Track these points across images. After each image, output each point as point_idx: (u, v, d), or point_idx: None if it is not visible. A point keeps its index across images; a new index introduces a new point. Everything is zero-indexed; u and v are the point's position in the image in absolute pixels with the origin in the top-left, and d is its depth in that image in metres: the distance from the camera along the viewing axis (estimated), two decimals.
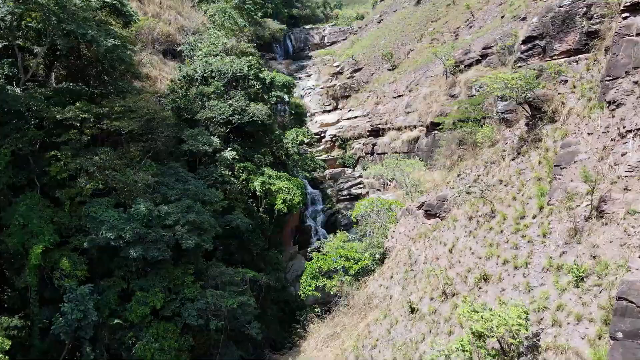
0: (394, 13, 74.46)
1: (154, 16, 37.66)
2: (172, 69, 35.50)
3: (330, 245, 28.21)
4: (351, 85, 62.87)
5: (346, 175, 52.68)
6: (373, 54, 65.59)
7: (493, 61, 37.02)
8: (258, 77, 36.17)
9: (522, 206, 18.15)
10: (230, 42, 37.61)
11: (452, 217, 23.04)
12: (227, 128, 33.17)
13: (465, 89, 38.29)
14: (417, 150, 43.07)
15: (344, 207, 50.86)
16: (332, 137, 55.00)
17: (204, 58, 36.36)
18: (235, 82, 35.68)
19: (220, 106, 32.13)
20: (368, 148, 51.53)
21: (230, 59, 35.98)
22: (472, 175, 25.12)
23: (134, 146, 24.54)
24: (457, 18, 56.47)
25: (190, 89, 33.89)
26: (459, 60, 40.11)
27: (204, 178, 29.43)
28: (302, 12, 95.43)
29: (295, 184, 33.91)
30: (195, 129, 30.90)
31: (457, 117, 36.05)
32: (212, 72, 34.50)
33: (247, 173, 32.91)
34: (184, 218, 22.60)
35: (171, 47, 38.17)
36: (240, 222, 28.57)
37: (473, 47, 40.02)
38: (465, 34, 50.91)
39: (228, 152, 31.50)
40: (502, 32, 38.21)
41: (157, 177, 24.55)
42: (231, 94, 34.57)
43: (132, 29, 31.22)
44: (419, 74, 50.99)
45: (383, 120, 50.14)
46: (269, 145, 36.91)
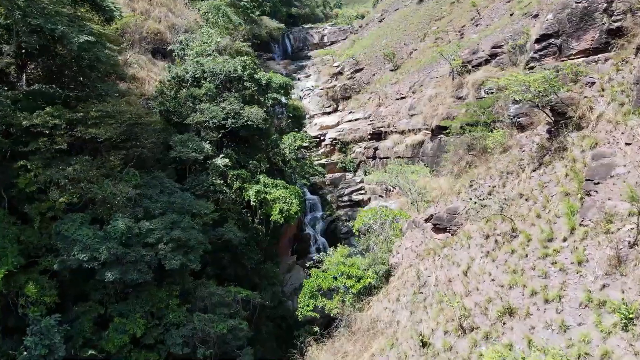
0: (395, 12, 72.27)
1: (142, 13, 35.39)
2: (161, 70, 33.27)
3: (330, 261, 25.96)
4: (352, 86, 60.69)
5: (347, 181, 50.47)
6: (374, 54, 63.41)
7: (503, 61, 34.80)
8: (253, 79, 33.94)
9: (549, 226, 15.91)
10: (224, 41, 35.34)
11: (465, 234, 20.80)
12: (219, 133, 30.96)
13: (473, 90, 36.06)
14: (421, 155, 40.85)
15: (344, 213, 48.67)
16: (332, 140, 52.79)
17: (196, 58, 34.12)
18: (229, 84, 33.45)
19: (212, 109, 29.90)
20: (370, 152, 49.30)
21: (223, 58, 33.74)
22: (486, 186, 22.88)
23: (115, 154, 22.26)
24: (462, 16, 54.28)
25: (181, 91, 31.66)
26: (467, 60, 37.89)
27: (193, 188, 27.21)
28: (301, 11, 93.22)
29: (292, 193, 31.68)
30: (185, 134, 28.67)
31: (465, 120, 33.83)
32: (203, 73, 32.26)
33: (241, 181, 30.68)
34: (168, 235, 20.32)
35: (161, 46, 35.91)
36: (233, 235, 26.35)
37: (481, 47, 37.80)
38: (471, 32, 48.71)
39: (220, 159, 29.29)
40: (512, 30, 36.00)
41: (139, 188, 22.28)
42: (224, 96, 32.35)
43: (116, 26, 29.00)
44: (423, 74, 48.78)
45: (385, 123, 47.91)
46: (264, 150, 34.68)
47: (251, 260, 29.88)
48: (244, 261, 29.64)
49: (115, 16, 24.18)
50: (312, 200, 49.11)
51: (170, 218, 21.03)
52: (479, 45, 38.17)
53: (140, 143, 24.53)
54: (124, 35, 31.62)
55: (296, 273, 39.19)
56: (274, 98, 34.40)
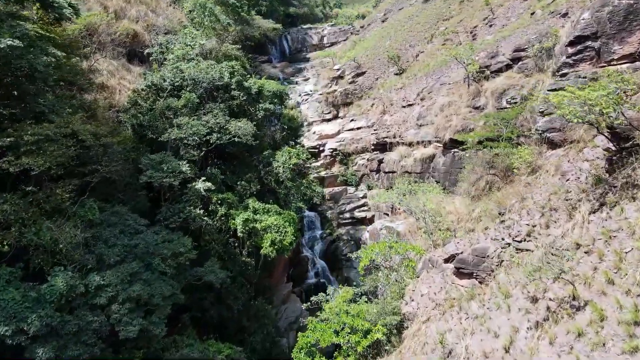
0: (399, 11, 67.95)
1: (117, 12, 31.11)
2: (137, 77, 29.00)
3: (331, 309, 21.63)
4: (353, 91, 56.35)
5: (348, 195, 46.10)
6: (377, 56, 59.08)
7: (528, 66, 30.50)
8: (242, 87, 29.59)
9: (633, 300, 11.61)
10: (209, 43, 31.05)
11: (501, 289, 16.45)
12: (201, 151, 26.62)
13: (492, 100, 31.75)
14: (432, 171, 36.54)
15: (345, 232, 44.33)
16: (332, 151, 48.44)
17: (176, 63, 29.77)
18: (214, 93, 29.11)
19: (192, 124, 25.56)
20: (373, 165, 44.94)
21: (208, 64, 29.41)
22: (523, 224, 18.55)
23: (64, 185, 17.90)
24: (474, 16, 49.96)
25: (157, 102, 27.32)
26: (484, 64, 33.57)
27: (168, 219, 22.87)
28: (299, 11, 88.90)
29: (287, 219, 27.34)
30: (159, 153, 24.35)
31: (484, 135, 29.52)
32: (184, 81, 27.91)
33: (226, 207, 26.36)
34: (124, 292, 15.97)
35: (138, 49, 31.64)
36: (214, 277, 22.05)
37: (501, 50, 33.47)
38: (484, 33, 44.39)
39: (201, 182, 24.94)
40: (536, 31, 31.68)
41: (95, 228, 17.94)
42: (208, 107, 28.01)
43: (77, 26, 24.71)
44: (431, 79, 44.44)
45: (391, 133, 43.56)
46: (255, 168, 30.31)
47: (238, 301, 25.57)
48: (230, 301, 25.32)
49: (66, 14, 19.84)
50: (310, 218, 44.80)
51: (129, 268, 16.67)
52: (498, 48, 33.84)
53: (101, 167, 20.19)
54: (90, 38, 27.34)
55: (292, 305, 34.84)
56: (266, 109, 30.04)
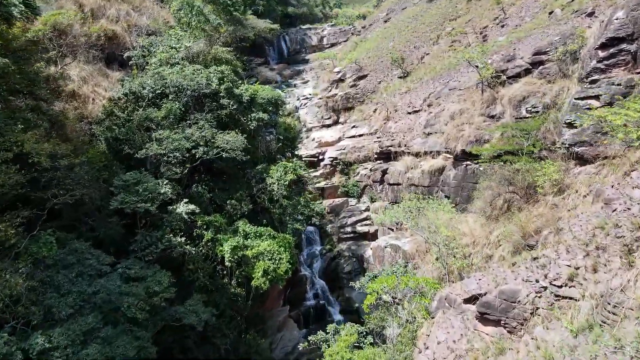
0: (403, 11, 64.91)
1: (94, 11, 28.06)
2: (115, 83, 25.97)
3: (332, 356, 18.56)
4: (355, 95, 53.30)
5: (350, 208, 43.06)
6: (380, 58, 56.04)
7: (550, 71, 27.44)
8: (232, 94, 26.53)
9: None
10: (196, 45, 27.95)
11: (541, 349, 13.38)
12: (185, 168, 23.57)
13: (510, 108, 28.69)
14: (441, 185, 33.48)
15: (347, 248, 41.28)
16: (333, 160, 45.40)
17: (159, 68, 26.73)
18: (201, 101, 26.06)
19: (173, 139, 22.53)
20: (377, 175, 41.88)
21: (194, 68, 26.37)
22: (563, 264, 15.48)
23: (10, 218, 14.87)
24: (483, 16, 46.92)
25: (136, 112, 24.28)
26: (500, 69, 30.50)
27: (143, 250, 19.82)
28: (298, 11, 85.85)
29: (282, 244, 24.30)
30: (135, 172, 21.31)
31: (503, 148, 26.45)
32: (165, 88, 24.86)
33: (213, 230, 23.34)
34: (75, 355, 12.91)
35: (118, 52, 28.60)
36: (196, 319, 19.02)
37: (518, 52, 30.41)
38: (496, 34, 41.35)
39: (183, 205, 21.92)
40: (559, 32, 28.63)
41: (47, 270, 14.88)
42: (193, 118, 24.99)
43: (39, 27, 21.72)
44: (439, 84, 41.41)
45: (395, 141, 40.51)
46: (247, 185, 27.24)
47: (226, 339, 22.52)
48: (217, 340, 22.27)
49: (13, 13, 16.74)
50: (309, 232, 41.78)
51: (84, 324, 13.61)
52: (515, 51, 30.77)
53: (62, 193, 17.18)
54: (59, 40, 24.23)
55: (289, 332, 31.81)
56: (260, 119, 26.97)
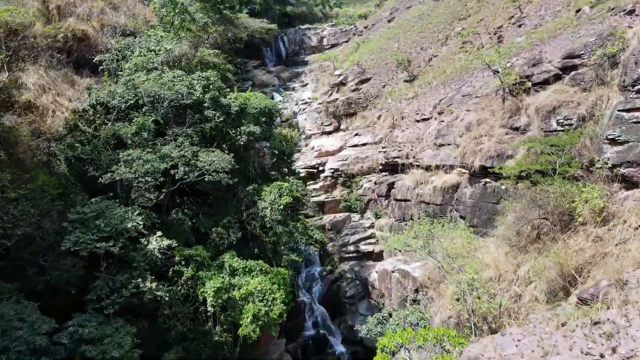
0: (407, 10, 61.32)
1: (61, 8, 24.41)
2: (82, 92, 22.43)
3: None
4: (357, 99, 49.69)
5: (352, 224, 39.42)
6: (384, 60, 52.44)
7: (585, 78, 23.84)
8: (219, 104, 22.92)
9: None
10: (179, 48, 24.34)
11: None
12: (160, 193, 19.99)
13: (538, 120, 25.08)
14: (456, 203, 29.88)
15: (349, 269, 37.62)
16: (334, 171, 41.78)
17: (134, 73, 23.15)
18: (182, 112, 22.47)
19: (145, 160, 18.93)
20: (382, 189, 38.28)
21: (174, 75, 22.78)
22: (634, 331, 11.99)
23: None
24: (496, 14, 43.33)
25: (104, 127, 20.70)
26: (524, 74, 26.92)
27: (104, 300, 16.25)
28: (297, 10, 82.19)
29: (275, 280, 20.73)
30: (98, 200, 17.77)
31: (531, 167, 22.87)
32: (139, 99, 21.26)
33: (195, 266, 19.78)
34: None
35: (89, 56, 24.98)
36: None
37: (545, 56, 26.82)
38: (512, 35, 37.76)
39: (156, 240, 18.36)
40: (594, 32, 25.06)
41: None
42: (172, 134, 21.38)
43: None
44: (451, 89, 37.81)
45: (403, 152, 36.91)
46: (236, 209, 23.64)
47: None
48: None
49: None
50: (308, 252, 38.16)
51: None
52: (541, 54, 27.17)
53: None
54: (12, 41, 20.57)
55: None
56: (251, 132, 23.36)
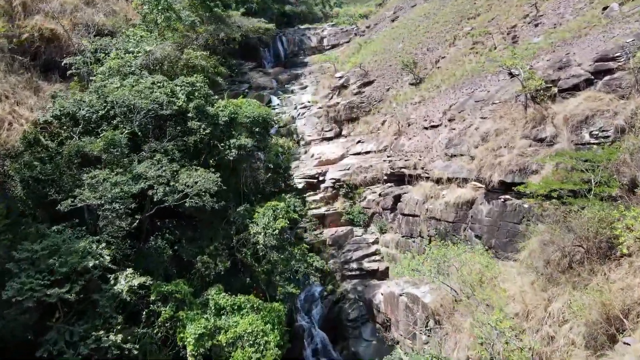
0: (412, 9, 58.46)
1: (26, 5, 21.49)
2: (48, 100, 19.55)
3: None
4: (359, 104, 46.80)
5: (355, 239, 36.48)
6: (388, 62, 49.56)
7: (622, 83, 20.95)
8: (205, 114, 20.01)
9: None
10: (160, 49, 21.39)
11: None
12: (134, 219, 17.12)
13: (567, 130, 22.16)
14: (471, 221, 26.94)
15: (352, 288, 34.65)
16: (335, 182, 38.85)
17: (107, 79, 20.23)
18: (162, 123, 19.58)
19: (113, 182, 16.02)
20: (387, 201, 35.37)
21: (153, 80, 19.85)
22: None
23: None
24: (509, 13, 40.45)
25: (69, 142, 17.80)
26: (549, 78, 24.02)
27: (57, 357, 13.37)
28: (296, 9, 79.37)
29: (268, 318, 17.83)
30: (58, 230, 14.92)
31: (563, 186, 19.93)
32: (110, 109, 18.36)
33: (174, 305, 16.88)
34: None
35: (60, 58, 22.04)
36: None
37: (573, 58, 23.91)
38: (529, 35, 34.88)
39: (125, 279, 15.49)
40: (630, 32, 22.17)
41: None
42: (148, 149, 18.46)
43: None
44: (461, 93, 34.93)
45: (410, 162, 33.99)
46: (224, 234, 20.72)
47: None
48: None
49: None
50: (307, 282, 35.16)
51: None
52: (570, 57, 24.26)
53: None
54: None
55: None
56: (241, 146, 20.42)
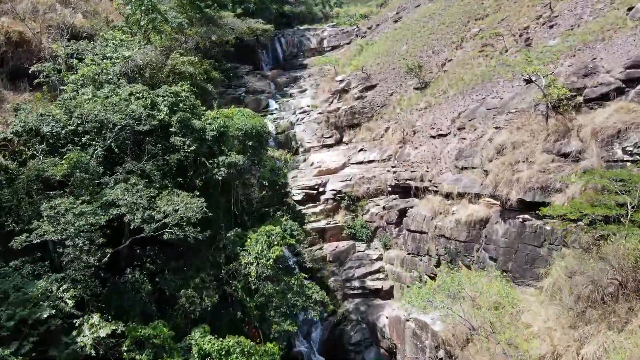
0: (416, 9, 56.10)
1: None
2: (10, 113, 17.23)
3: None
4: (361, 109, 44.46)
5: (357, 255, 34.16)
6: (391, 65, 47.19)
7: None
8: (190, 128, 17.67)
9: None
10: (141, 54, 18.98)
11: None
12: (104, 254, 14.82)
13: (595, 145, 19.80)
14: (485, 242, 24.57)
15: (354, 308, 32.36)
16: (336, 193, 36.51)
17: (80, 88, 17.91)
18: (142, 139, 17.26)
19: (76, 213, 13.70)
20: (392, 215, 33.05)
21: (130, 91, 17.50)
22: None
23: None
24: (521, 13, 38.11)
25: (31, 162, 15.48)
26: (572, 86, 21.70)
27: None
28: (295, 10, 76.90)
29: None
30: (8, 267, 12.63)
31: (596, 211, 17.60)
32: (80, 124, 16.04)
33: (151, 352, 14.60)
34: None
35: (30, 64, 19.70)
36: None
37: (600, 63, 21.59)
38: (543, 37, 32.53)
39: (90, 328, 13.20)
40: None
41: None
42: (123, 171, 16.14)
43: None
44: (471, 100, 32.60)
45: (416, 174, 31.66)
46: (212, 263, 18.39)
47: None
48: None
49: None
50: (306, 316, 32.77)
51: None
52: (596, 62, 21.94)
53: None
54: None
55: None
56: (232, 164, 18.07)
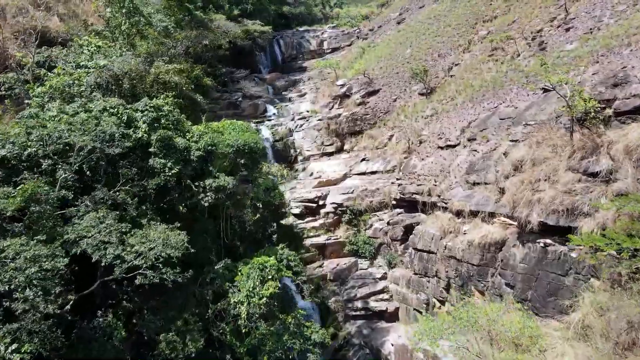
0: (420, 10, 53.95)
1: None
2: None
3: None
4: (363, 116, 42.37)
5: (360, 274, 32.01)
6: (394, 69, 45.07)
7: None
8: (171, 148, 15.47)
9: None
10: (118, 63, 16.79)
11: None
12: (66, 300, 12.64)
13: (630, 165, 17.60)
14: (501, 266, 22.36)
15: (357, 331, 30.14)
16: (337, 207, 34.34)
17: (47, 103, 15.73)
18: (116, 159, 15.07)
19: (30, 256, 11.47)
20: (396, 231, 30.88)
21: (104, 105, 15.31)
22: None
23: None
24: (533, 15, 35.97)
25: None
26: (600, 97, 19.52)
27: None
28: (294, 10, 74.89)
29: None
30: None
31: (636, 245, 15.40)
32: (40, 147, 13.85)
33: None
34: None
35: None
36: None
37: (632, 72, 19.40)
38: (559, 41, 30.37)
39: None
40: None
41: None
42: (93, 199, 13.94)
43: None
44: (482, 108, 30.44)
45: (423, 187, 29.49)
46: (198, 301, 16.21)
47: None
48: None
49: None
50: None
51: None
52: (627, 70, 19.75)
53: None
54: None
55: None
56: (220, 188, 15.87)
